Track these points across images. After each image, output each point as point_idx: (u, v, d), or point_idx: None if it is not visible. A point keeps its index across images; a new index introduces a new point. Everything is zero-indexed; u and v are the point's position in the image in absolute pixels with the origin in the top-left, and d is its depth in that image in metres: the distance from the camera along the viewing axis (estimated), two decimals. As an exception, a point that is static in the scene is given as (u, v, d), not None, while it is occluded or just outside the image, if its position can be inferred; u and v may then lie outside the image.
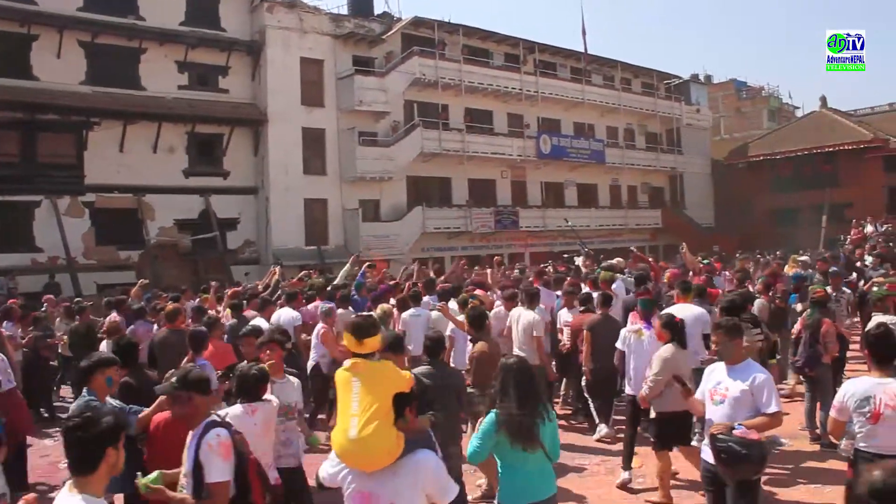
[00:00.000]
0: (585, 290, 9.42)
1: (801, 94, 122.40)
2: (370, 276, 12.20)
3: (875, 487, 1.94)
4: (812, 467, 6.75)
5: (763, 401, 4.18)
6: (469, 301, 8.05)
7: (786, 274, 12.50)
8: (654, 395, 5.80)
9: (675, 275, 9.92)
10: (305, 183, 24.42)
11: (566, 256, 20.11)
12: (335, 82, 25.41)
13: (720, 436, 4.09)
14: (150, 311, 9.76)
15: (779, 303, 9.79)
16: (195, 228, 22.72)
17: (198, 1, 23.36)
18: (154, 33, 22.09)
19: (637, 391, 6.26)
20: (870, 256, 15.39)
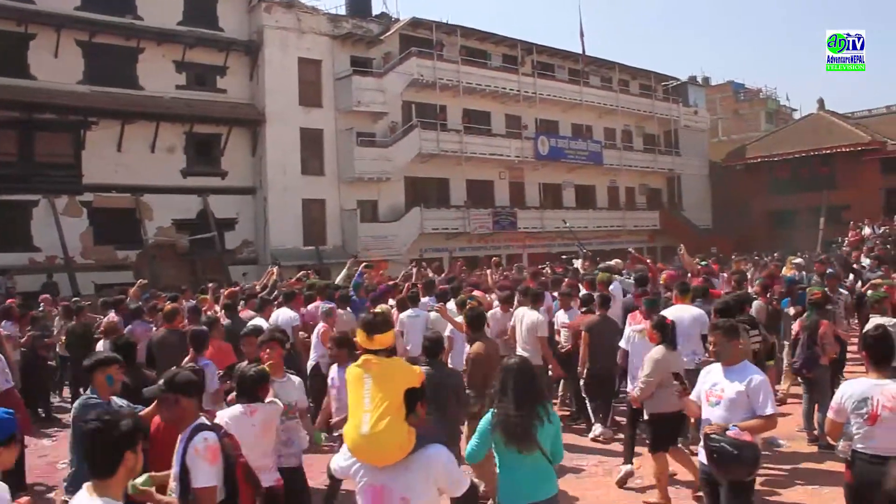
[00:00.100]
0: (583, 291, 9.43)
1: (799, 96, 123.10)
2: (368, 276, 12.17)
3: None
4: (810, 468, 6.76)
5: (759, 403, 4.20)
6: (467, 302, 8.06)
7: (783, 276, 12.50)
8: (645, 396, 5.89)
9: (671, 276, 9.92)
10: (303, 183, 24.40)
11: (565, 257, 20.12)
12: (333, 83, 25.38)
13: (713, 436, 4.12)
14: (147, 311, 9.76)
15: (776, 304, 9.81)
16: (193, 228, 22.68)
17: (196, 1, 23.30)
18: (152, 33, 22.05)
19: (639, 391, 6.29)
20: (867, 258, 15.44)
